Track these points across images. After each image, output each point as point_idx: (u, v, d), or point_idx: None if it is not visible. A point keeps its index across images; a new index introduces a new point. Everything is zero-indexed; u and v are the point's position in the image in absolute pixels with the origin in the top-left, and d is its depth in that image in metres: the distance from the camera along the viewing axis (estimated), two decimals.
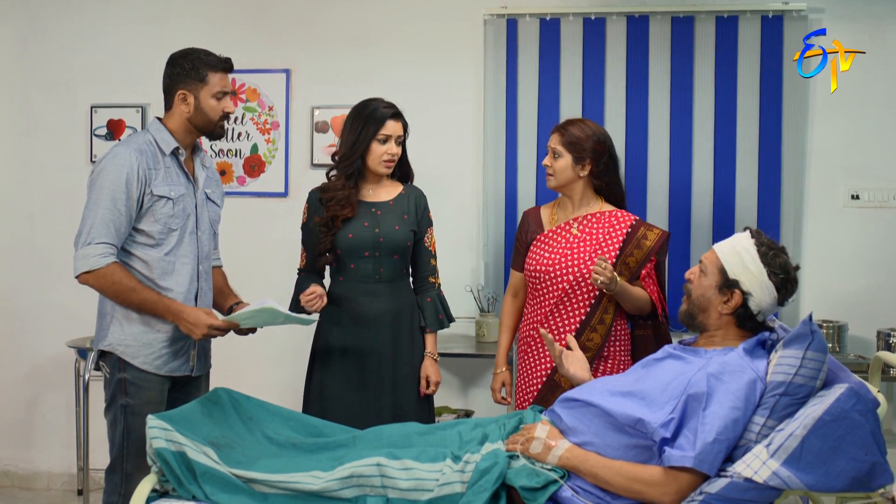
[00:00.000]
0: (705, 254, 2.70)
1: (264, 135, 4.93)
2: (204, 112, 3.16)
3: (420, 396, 3.54)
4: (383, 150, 3.43)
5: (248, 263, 4.28)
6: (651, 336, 3.44)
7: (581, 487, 2.43)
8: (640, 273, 3.36)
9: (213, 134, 3.22)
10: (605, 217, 3.42)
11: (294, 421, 2.87)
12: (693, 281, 2.69)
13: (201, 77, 3.14)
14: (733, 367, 2.40)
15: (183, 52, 3.20)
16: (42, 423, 5.14)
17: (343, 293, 3.49)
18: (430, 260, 3.62)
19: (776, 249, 2.59)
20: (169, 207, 3.12)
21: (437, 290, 3.62)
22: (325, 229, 3.44)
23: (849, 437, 2.21)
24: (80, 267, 3.01)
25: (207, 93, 3.15)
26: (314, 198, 3.54)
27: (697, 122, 4.55)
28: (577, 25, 4.61)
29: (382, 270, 3.47)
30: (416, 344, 3.55)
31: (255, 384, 4.32)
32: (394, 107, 3.47)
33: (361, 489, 2.48)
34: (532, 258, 3.44)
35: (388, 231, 3.45)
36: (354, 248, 3.44)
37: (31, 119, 5.10)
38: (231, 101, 3.23)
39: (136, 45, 4.99)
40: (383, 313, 3.47)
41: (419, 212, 3.57)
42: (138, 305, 3.06)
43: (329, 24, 4.88)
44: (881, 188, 4.51)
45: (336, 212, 3.43)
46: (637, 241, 3.37)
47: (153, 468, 2.53)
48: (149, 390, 3.12)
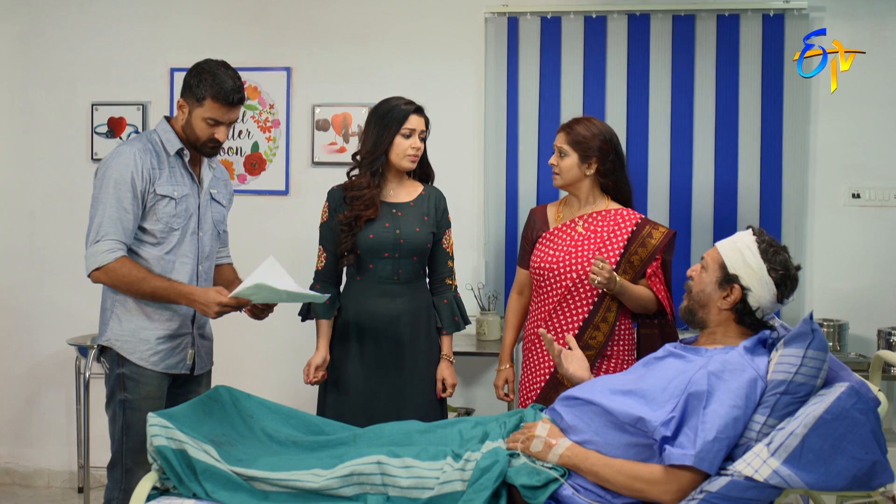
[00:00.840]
0: (708, 251, 2.71)
1: (265, 133, 4.93)
2: (193, 129, 3.15)
3: (435, 398, 3.53)
4: (408, 144, 3.42)
5: (248, 261, 4.23)
6: (657, 335, 3.42)
7: (582, 486, 2.43)
8: (646, 271, 3.35)
9: (199, 151, 3.22)
10: (611, 215, 3.42)
11: (295, 419, 2.87)
12: (694, 277, 2.70)
13: (198, 98, 3.11)
14: (734, 366, 2.40)
15: (203, 65, 3.15)
16: (43, 420, 5.15)
17: (361, 294, 3.48)
18: (447, 261, 3.60)
19: (777, 247, 2.59)
20: (171, 207, 3.13)
21: (453, 292, 3.61)
22: (347, 229, 3.42)
23: (849, 435, 2.21)
24: (91, 265, 3.03)
25: (200, 115, 3.13)
26: (337, 196, 3.50)
27: (698, 121, 4.55)
28: (579, 24, 4.61)
29: (401, 272, 3.46)
30: (432, 345, 3.54)
31: (256, 382, 4.32)
32: (415, 103, 3.47)
33: (362, 487, 2.48)
34: (537, 255, 3.44)
35: (408, 233, 3.44)
36: (375, 248, 3.42)
37: (32, 117, 5.10)
38: (224, 131, 3.17)
39: (136, 43, 4.99)
40: (400, 314, 3.46)
41: (439, 213, 3.56)
42: (150, 294, 3.07)
43: (330, 22, 4.88)
44: (882, 187, 4.51)
45: (360, 212, 3.41)
46: (642, 239, 3.36)
47: (154, 466, 2.53)
48: (147, 385, 3.12)
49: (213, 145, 3.19)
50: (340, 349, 3.50)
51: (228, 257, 3.55)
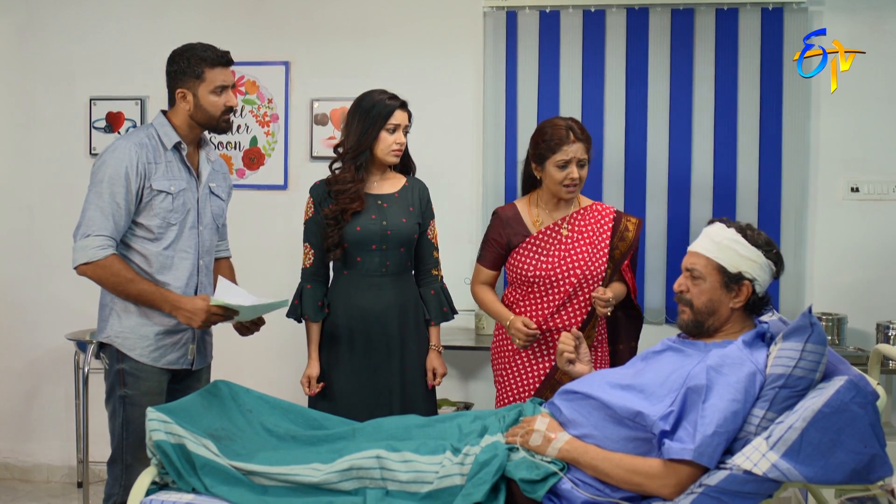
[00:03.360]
0: (689, 260, 2.68)
1: (263, 127, 4.92)
2: (204, 109, 3.16)
3: (427, 389, 3.54)
4: (392, 139, 3.43)
5: (247, 256, 4.27)
6: (633, 330, 3.61)
7: (581, 480, 2.43)
8: (623, 264, 3.45)
9: (217, 129, 3.22)
10: (589, 212, 3.47)
11: (293, 413, 2.87)
12: (689, 290, 2.66)
13: (198, 74, 3.13)
14: (733, 360, 2.40)
15: (181, 49, 3.19)
16: (42, 415, 5.15)
17: (349, 287, 3.48)
18: (432, 252, 3.61)
19: (754, 230, 2.64)
20: (168, 202, 3.12)
21: (440, 283, 3.62)
22: (334, 222, 3.42)
23: (848, 429, 2.21)
24: (79, 258, 3.02)
25: (206, 89, 3.14)
26: (320, 191, 3.50)
27: (697, 115, 4.55)
28: (577, 18, 4.60)
29: (389, 264, 3.46)
30: (421, 337, 3.55)
31: (255, 377, 4.33)
32: (399, 97, 3.47)
33: (361, 481, 2.48)
34: (527, 262, 3.43)
35: (395, 224, 3.45)
36: (362, 241, 3.42)
37: (30, 112, 5.10)
38: (233, 95, 3.21)
39: (135, 38, 4.98)
40: (389, 307, 3.46)
41: (423, 204, 3.57)
42: (136, 296, 3.06)
43: (328, 16, 4.87)
44: (881, 181, 4.51)
45: (346, 205, 3.41)
46: (620, 233, 3.44)
47: (153, 460, 2.53)
48: (147, 381, 3.12)
49: (228, 116, 3.21)
50: (329, 353, 3.51)
51: (227, 251, 3.54)
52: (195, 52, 3.15)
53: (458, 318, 3.81)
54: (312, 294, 3.50)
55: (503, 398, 3.50)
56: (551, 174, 3.36)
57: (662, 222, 4.56)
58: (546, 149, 3.35)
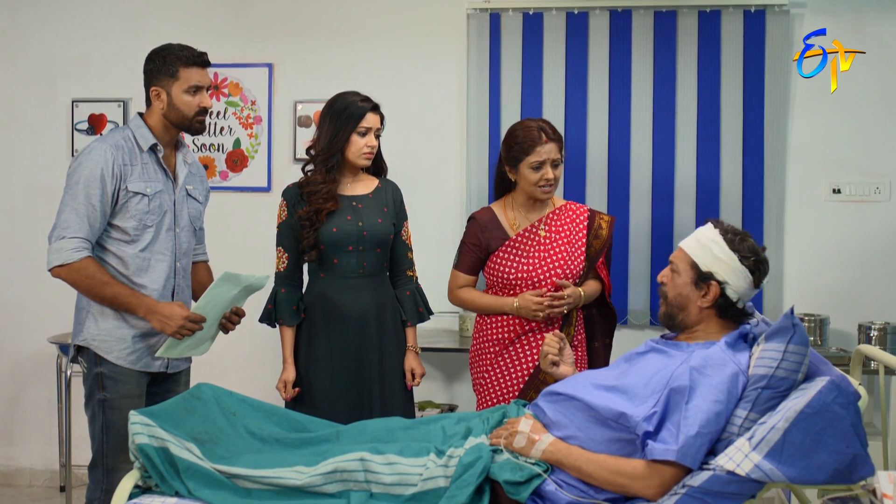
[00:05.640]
0: (674, 253, 2.72)
1: (247, 129, 4.91)
2: (177, 108, 3.15)
3: (406, 390, 3.54)
4: (363, 142, 3.42)
5: (230, 258, 4.24)
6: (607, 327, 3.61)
7: (564, 481, 2.44)
8: (598, 261, 3.47)
9: (190, 129, 3.21)
10: (564, 212, 3.50)
11: (277, 416, 2.86)
12: (667, 283, 2.70)
13: (172, 73, 3.13)
14: (715, 361, 2.41)
15: (158, 48, 3.19)
16: (24, 419, 5.11)
17: (326, 290, 3.47)
18: (407, 253, 3.61)
19: (741, 234, 2.63)
20: (144, 204, 3.11)
21: (415, 284, 3.62)
22: (309, 223, 3.41)
23: (830, 429, 2.22)
24: (54, 260, 3.01)
25: (179, 88, 3.14)
26: (293, 194, 3.49)
27: (680, 117, 4.56)
28: (560, 20, 4.61)
29: (366, 264, 3.46)
30: (399, 338, 3.55)
31: (238, 380, 4.31)
32: (371, 100, 3.46)
33: (345, 484, 2.48)
34: (507, 266, 3.44)
35: (371, 224, 3.44)
36: (339, 242, 3.41)
37: (12, 113, 5.07)
38: (207, 97, 3.20)
39: (117, 40, 4.96)
40: (367, 308, 3.45)
41: (397, 205, 3.57)
42: (111, 300, 3.05)
43: (311, 18, 4.86)
44: (863, 182, 4.53)
45: (320, 205, 3.40)
46: (595, 231, 3.48)
47: (136, 464, 2.52)
48: (126, 384, 3.11)
49: (202, 117, 3.20)
50: (308, 356, 3.48)
51: (205, 254, 3.53)
52: (171, 51, 3.15)
53: (441, 320, 3.82)
54: (287, 298, 3.48)
55: (484, 402, 3.50)
56: (526, 176, 3.37)
57: (646, 224, 4.57)
58: (519, 151, 3.36)
